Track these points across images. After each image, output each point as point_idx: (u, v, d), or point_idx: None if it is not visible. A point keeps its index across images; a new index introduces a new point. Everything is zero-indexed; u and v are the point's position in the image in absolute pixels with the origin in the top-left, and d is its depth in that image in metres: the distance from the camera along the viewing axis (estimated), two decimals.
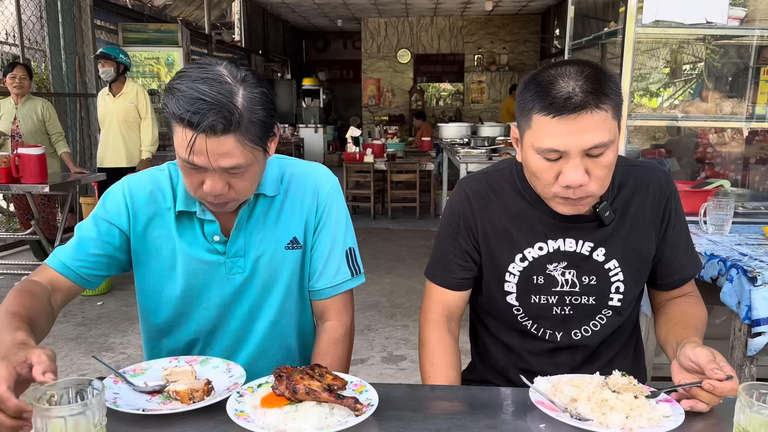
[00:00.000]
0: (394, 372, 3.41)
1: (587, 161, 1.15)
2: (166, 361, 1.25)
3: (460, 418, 1.07)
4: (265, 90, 1.15)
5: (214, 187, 1.15)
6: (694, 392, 1.06)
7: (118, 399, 1.08)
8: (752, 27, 2.60)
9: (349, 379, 1.13)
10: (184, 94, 1.08)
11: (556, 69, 1.17)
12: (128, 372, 1.19)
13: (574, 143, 1.13)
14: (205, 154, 1.10)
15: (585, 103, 1.11)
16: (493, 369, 1.48)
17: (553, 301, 1.36)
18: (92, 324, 4.09)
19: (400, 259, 5.91)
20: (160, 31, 8.00)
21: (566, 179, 1.16)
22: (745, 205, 2.66)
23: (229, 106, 1.08)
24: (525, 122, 1.20)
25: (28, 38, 6.72)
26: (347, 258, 1.40)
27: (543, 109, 1.14)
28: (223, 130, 1.08)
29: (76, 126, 6.77)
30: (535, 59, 13.12)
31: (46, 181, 4.42)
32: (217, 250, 1.32)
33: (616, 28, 2.78)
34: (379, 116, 13.85)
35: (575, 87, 1.12)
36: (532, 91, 1.17)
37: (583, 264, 1.33)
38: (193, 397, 1.06)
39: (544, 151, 1.16)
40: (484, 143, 7.02)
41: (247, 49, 12.93)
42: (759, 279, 1.80)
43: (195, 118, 1.06)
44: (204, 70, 1.11)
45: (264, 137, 1.16)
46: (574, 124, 1.11)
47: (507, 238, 1.36)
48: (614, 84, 1.15)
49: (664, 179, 1.36)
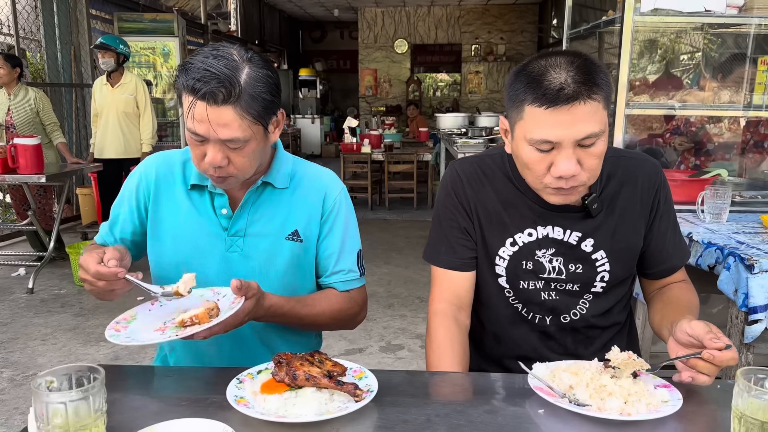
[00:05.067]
0: (392, 361, 3.42)
1: (579, 151, 1.15)
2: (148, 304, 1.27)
3: (459, 404, 1.07)
4: (270, 73, 1.24)
5: (215, 157, 1.21)
6: (692, 364, 1.06)
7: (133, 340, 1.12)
8: (751, 15, 2.59)
9: (349, 366, 1.13)
10: (194, 66, 1.17)
11: (546, 60, 1.16)
12: (121, 321, 1.20)
13: (567, 134, 1.13)
14: (206, 123, 1.17)
15: (578, 94, 1.11)
16: (489, 358, 1.49)
17: (540, 287, 1.37)
18: (90, 314, 4.09)
19: (397, 249, 5.91)
20: (155, 20, 7.95)
21: (559, 170, 1.16)
22: (743, 194, 2.66)
23: (232, 78, 1.16)
24: (516, 113, 1.19)
25: (23, 28, 6.68)
26: (357, 259, 1.46)
27: (535, 100, 1.13)
28: (223, 100, 1.16)
29: (71, 116, 6.75)
30: (533, 49, 13.08)
31: (42, 172, 4.40)
32: (222, 225, 1.38)
33: (614, 16, 2.77)
34: (376, 107, 13.81)
35: (567, 78, 1.12)
36: (523, 82, 1.16)
37: (570, 252, 1.35)
38: (212, 315, 1.12)
39: (537, 143, 1.16)
40: (482, 133, 7.02)
41: (243, 39, 12.86)
42: (756, 267, 1.81)
43: (198, 85, 1.15)
44: (215, 48, 1.21)
45: (265, 115, 1.23)
46: (568, 115, 1.11)
47: (498, 222, 1.37)
48: (604, 74, 1.15)
49: (653, 170, 1.36)
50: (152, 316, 1.23)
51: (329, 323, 1.44)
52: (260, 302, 1.24)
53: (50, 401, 0.84)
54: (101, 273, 1.15)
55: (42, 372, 0.90)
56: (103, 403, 0.89)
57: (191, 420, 0.95)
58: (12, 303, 4.36)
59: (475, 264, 1.42)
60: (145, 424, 0.95)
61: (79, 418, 0.85)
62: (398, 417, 1.02)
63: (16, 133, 4.85)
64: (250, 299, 1.20)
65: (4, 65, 4.89)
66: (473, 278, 1.43)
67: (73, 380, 0.90)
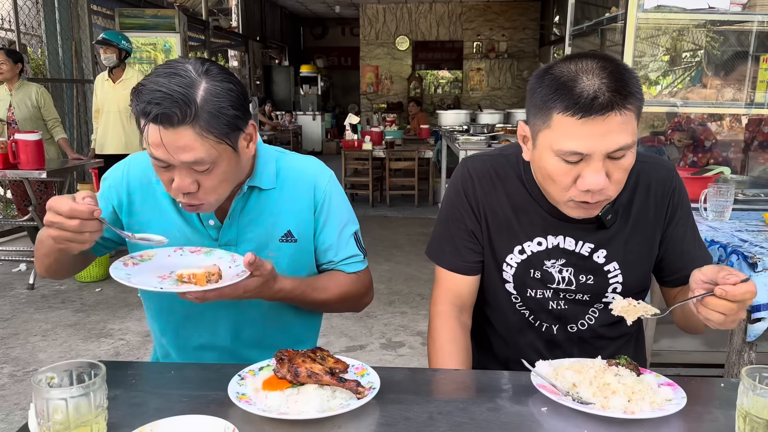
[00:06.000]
0: (393, 358, 3.42)
1: (608, 163, 1.08)
2: (171, 250, 1.25)
3: (462, 402, 1.07)
4: (234, 86, 1.14)
5: (182, 183, 1.14)
6: (706, 303, 1.02)
7: (131, 278, 1.11)
8: (754, 12, 2.58)
9: (351, 363, 1.12)
10: (146, 88, 1.09)
11: (576, 64, 1.08)
12: (136, 257, 1.20)
13: (599, 146, 1.05)
14: (163, 147, 1.10)
15: (612, 103, 1.03)
16: (495, 359, 1.47)
17: (548, 296, 1.33)
18: (90, 310, 4.09)
19: (398, 246, 5.91)
20: (157, 16, 7.95)
21: (587, 183, 1.09)
22: (745, 192, 2.66)
23: (186, 96, 1.08)
24: (541, 121, 1.11)
25: (24, 24, 6.66)
26: (356, 242, 1.43)
27: (566, 108, 1.05)
28: (178, 122, 1.08)
29: (73, 112, 6.74)
30: (535, 46, 13.06)
31: (43, 167, 4.40)
32: (210, 236, 1.32)
33: (617, 13, 2.76)
34: (378, 104, 13.79)
35: (601, 85, 1.04)
36: (550, 87, 1.08)
37: (581, 263, 1.30)
38: (210, 279, 1.10)
39: (566, 154, 1.08)
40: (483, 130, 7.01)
41: (244, 35, 12.85)
42: (759, 265, 1.80)
43: (149, 108, 1.07)
44: (168, 66, 1.12)
45: (230, 132, 1.14)
46: (601, 126, 1.04)
47: (507, 228, 1.32)
48: (638, 82, 1.07)
49: (666, 176, 1.30)
50: (168, 262, 1.21)
51: (338, 306, 1.43)
52: (269, 284, 1.21)
53: (51, 397, 0.84)
54: (75, 210, 1.05)
55: (43, 368, 0.89)
56: (104, 399, 0.89)
57: (193, 417, 0.95)
58: (13, 299, 4.35)
59: (481, 268, 1.38)
60: (147, 420, 0.94)
61: (79, 415, 0.85)
62: (400, 414, 1.01)
63: (18, 129, 4.85)
64: (256, 277, 1.16)
65: (6, 61, 4.88)
66: (477, 281, 1.39)
67: (74, 376, 0.90)
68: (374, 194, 8.06)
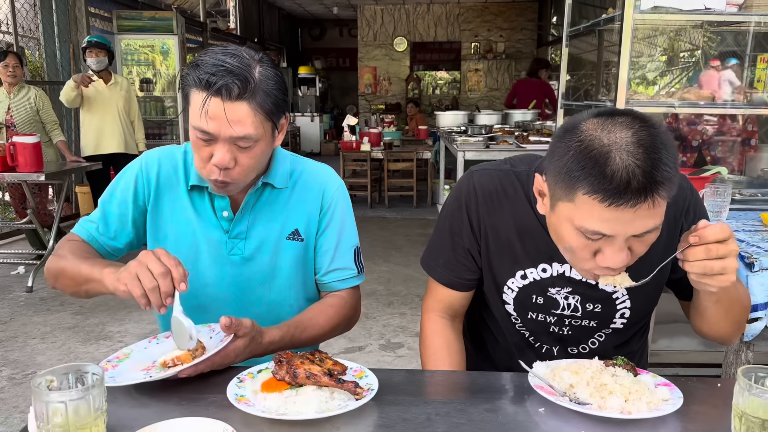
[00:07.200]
0: (392, 359, 3.42)
1: (632, 240, 1.01)
2: (145, 342, 1.25)
3: (460, 403, 1.07)
4: (280, 75, 1.24)
5: (223, 158, 1.18)
6: (686, 255, 1.01)
7: (116, 378, 1.09)
8: (750, 13, 2.59)
9: (349, 365, 1.13)
10: (207, 62, 1.15)
11: (609, 133, 0.96)
12: (113, 360, 1.18)
13: (625, 230, 0.98)
14: (219, 119, 1.15)
15: (646, 191, 0.93)
16: (491, 363, 1.46)
17: (551, 321, 1.29)
18: (89, 313, 4.09)
19: (397, 247, 5.91)
20: (154, 18, 7.93)
21: (607, 261, 1.02)
22: (742, 191, 2.66)
23: (246, 74, 1.15)
24: (564, 194, 1.00)
25: (22, 26, 6.66)
26: (354, 256, 1.44)
27: (594, 191, 0.95)
28: (238, 95, 1.14)
29: (71, 114, 6.73)
30: (532, 47, 13.06)
31: (41, 170, 4.40)
32: (223, 227, 1.36)
33: (614, 14, 2.76)
34: (376, 105, 13.79)
35: (635, 168, 0.92)
36: (577, 160, 0.96)
37: (589, 292, 1.25)
38: (195, 355, 1.09)
39: (588, 232, 1.00)
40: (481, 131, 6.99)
41: (242, 36, 12.84)
42: (756, 265, 1.81)
43: (213, 79, 1.13)
44: (226, 48, 1.20)
45: (277, 112, 1.22)
46: (630, 213, 0.95)
47: (509, 252, 1.25)
48: (674, 157, 0.96)
49: (679, 194, 1.15)
50: (146, 354, 1.21)
51: (330, 335, 1.42)
52: (257, 340, 1.19)
53: (50, 400, 0.84)
54: (183, 274, 1.09)
55: (42, 371, 0.90)
56: (104, 402, 0.89)
57: (192, 419, 0.95)
58: (11, 301, 4.35)
59: (475, 285, 1.34)
60: (146, 423, 0.95)
61: (79, 417, 0.85)
62: (398, 415, 1.01)
63: (16, 132, 4.84)
64: (242, 338, 1.14)
65: (18, 64, 4.92)
66: (470, 295, 1.36)
67: (73, 379, 0.90)
68: (373, 195, 8.07)
